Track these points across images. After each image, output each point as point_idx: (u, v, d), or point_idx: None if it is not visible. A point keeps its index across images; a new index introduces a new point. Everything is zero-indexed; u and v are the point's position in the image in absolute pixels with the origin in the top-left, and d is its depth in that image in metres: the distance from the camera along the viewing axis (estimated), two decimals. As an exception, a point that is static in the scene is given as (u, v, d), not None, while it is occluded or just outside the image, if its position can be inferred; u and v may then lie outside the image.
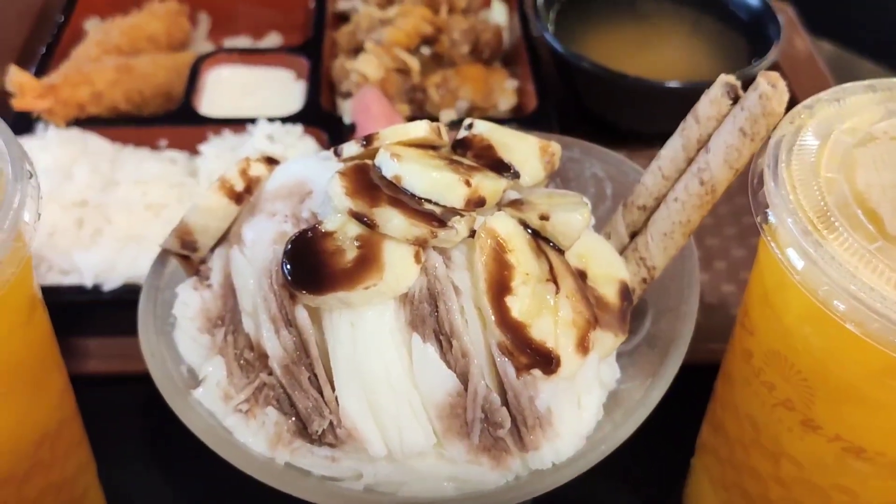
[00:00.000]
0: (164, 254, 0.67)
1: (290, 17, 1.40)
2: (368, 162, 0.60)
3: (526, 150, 0.66)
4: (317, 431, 0.56)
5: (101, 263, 0.92)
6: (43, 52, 1.21)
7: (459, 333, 0.54)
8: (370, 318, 0.54)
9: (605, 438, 0.58)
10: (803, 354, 0.58)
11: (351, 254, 0.54)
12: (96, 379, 0.86)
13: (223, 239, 0.64)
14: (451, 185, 0.57)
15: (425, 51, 1.26)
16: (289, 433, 0.56)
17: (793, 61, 1.30)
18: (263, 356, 0.57)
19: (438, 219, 0.56)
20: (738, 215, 1.12)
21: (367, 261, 0.54)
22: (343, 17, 1.37)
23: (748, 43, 1.24)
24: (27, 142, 1.05)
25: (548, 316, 0.56)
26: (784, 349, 0.60)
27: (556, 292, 0.57)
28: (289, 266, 0.55)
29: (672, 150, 0.66)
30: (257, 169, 0.64)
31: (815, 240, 0.53)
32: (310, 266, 0.54)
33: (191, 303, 0.63)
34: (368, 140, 0.61)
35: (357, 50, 1.25)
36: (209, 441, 0.56)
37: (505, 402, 0.55)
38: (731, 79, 0.64)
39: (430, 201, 0.57)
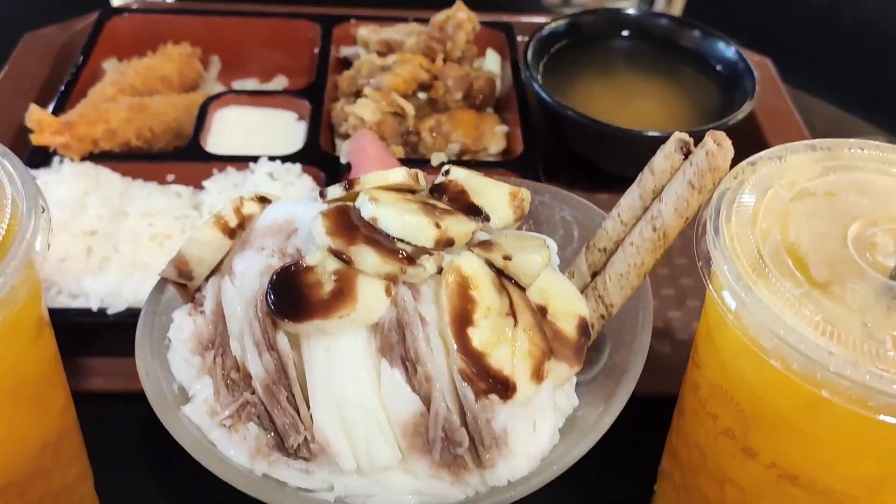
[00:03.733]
0: (163, 282, 0.72)
1: (296, 61, 1.46)
2: (350, 204, 0.67)
3: (497, 196, 0.71)
4: (293, 446, 0.61)
5: (107, 288, 0.98)
6: (62, 91, 1.28)
7: (424, 360, 0.60)
8: (344, 344, 0.60)
9: (557, 459, 0.63)
10: (739, 387, 0.63)
11: (328, 286, 0.60)
12: (99, 395, 0.91)
13: (217, 269, 0.70)
14: (421, 226, 0.63)
15: (421, 96, 1.32)
16: (267, 447, 0.62)
17: (771, 113, 1.36)
18: (248, 376, 0.63)
19: (409, 257, 0.62)
20: (688, 247, 1.17)
21: (343, 293, 0.60)
22: (346, 63, 1.43)
23: (725, 94, 1.31)
24: (43, 174, 1.11)
25: (506, 346, 0.61)
26: (724, 382, 0.65)
27: (515, 325, 0.62)
28: (272, 296, 0.61)
29: (630, 199, 0.72)
30: (250, 207, 0.70)
31: (746, 284, 0.58)
32: (291, 296, 0.60)
33: (185, 327, 0.69)
34: (351, 184, 0.68)
35: (357, 94, 1.30)
36: (195, 453, 0.62)
37: (464, 423, 0.61)
38: (684, 136, 0.69)
39: (402, 241, 0.63)
